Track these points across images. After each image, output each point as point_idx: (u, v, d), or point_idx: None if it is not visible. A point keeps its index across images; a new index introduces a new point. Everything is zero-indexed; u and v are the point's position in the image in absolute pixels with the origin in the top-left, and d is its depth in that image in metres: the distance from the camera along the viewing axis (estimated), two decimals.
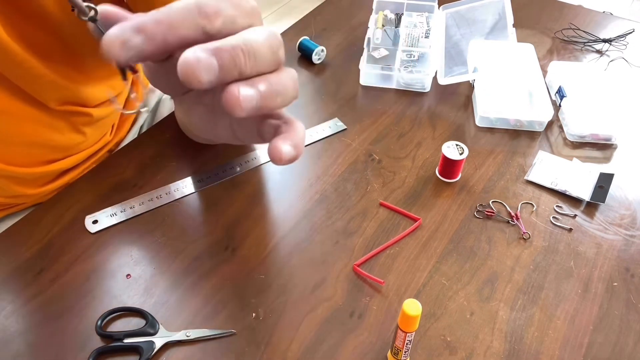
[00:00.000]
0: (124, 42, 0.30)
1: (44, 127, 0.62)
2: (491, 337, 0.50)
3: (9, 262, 0.55)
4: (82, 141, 0.68)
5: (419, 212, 0.61)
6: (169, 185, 0.63)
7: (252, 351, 0.49)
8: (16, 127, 0.59)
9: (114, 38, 0.30)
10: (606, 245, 0.59)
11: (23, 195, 0.66)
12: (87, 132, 0.67)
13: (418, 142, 0.70)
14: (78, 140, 0.67)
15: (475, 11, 0.84)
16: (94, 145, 0.72)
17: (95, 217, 0.59)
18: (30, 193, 0.66)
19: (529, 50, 0.81)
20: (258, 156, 0.67)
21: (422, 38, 0.84)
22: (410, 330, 0.44)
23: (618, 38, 0.91)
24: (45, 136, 0.62)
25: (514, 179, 0.66)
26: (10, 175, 0.63)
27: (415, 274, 0.55)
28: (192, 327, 0.50)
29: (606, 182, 0.64)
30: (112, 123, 0.76)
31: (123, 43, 0.30)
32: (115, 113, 0.74)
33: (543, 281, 0.55)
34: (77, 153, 0.69)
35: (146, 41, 0.30)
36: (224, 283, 0.54)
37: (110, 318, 0.51)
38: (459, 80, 0.78)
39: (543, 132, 0.73)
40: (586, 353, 0.50)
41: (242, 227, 0.59)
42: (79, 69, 0.61)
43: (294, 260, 0.56)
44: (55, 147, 0.65)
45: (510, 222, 0.61)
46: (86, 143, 0.69)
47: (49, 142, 0.63)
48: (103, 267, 0.55)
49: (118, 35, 0.30)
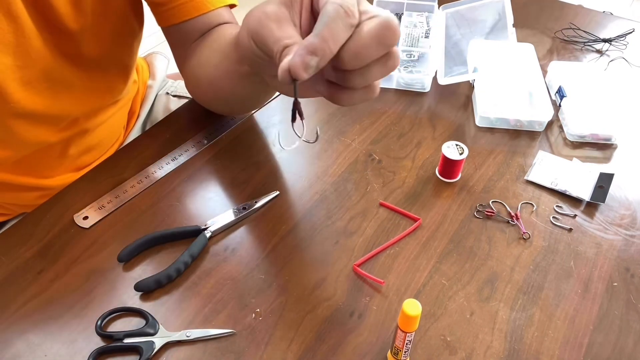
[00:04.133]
0: (306, 66, 0.36)
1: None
2: (491, 337, 0.50)
3: (9, 262, 0.55)
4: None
5: (419, 212, 0.61)
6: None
7: (252, 351, 0.49)
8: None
9: (298, 64, 0.36)
10: (606, 245, 0.59)
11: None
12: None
13: (418, 142, 0.70)
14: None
15: (475, 11, 0.84)
16: (112, 147, 0.74)
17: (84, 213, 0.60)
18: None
19: (529, 50, 0.81)
20: None
21: (422, 38, 0.84)
22: (410, 330, 0.44)
23: (618, 38, 0.91)
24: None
25: (514, 179, 0.66)
26: (42, 187, 0.65)
27: (415, 274, 0.55)
28: (192, 327, 0.50)
29: (606, 182, 0.64)
30: (126, 118, 0.77)
31: (305, 67, 0.36)
32: (121, 112, 0.75)
33: (543, 281, 0.55)
34: (100, 156, 0.71)
35: (320, 60, 0.36)
36: (224, 283, 0.54)
37: (110, 318, 0.51)
38: (459, 80, 0.78)
39: (543, 132, 0.73)
40: (586, 353, 0.50)
41: (242, 227, 0.59)
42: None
43: (294, 260, 0.56)
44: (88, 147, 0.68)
45: (510, 222, 0.61)
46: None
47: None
48: (103, 267, 0.55)
49: (299, 62, 0.36)
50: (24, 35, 0.53)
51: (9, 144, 0.61)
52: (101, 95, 0.67)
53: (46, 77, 0.57)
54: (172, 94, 0.85)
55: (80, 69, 0.61)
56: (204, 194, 0.63)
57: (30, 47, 0.54)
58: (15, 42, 0.53)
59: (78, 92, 0.62)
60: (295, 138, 0.43)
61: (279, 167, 0.66)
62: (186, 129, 0.70)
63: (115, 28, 0.61)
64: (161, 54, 0.88)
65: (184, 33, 0.61)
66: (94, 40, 0.59)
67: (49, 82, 0.58)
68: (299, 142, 0.43)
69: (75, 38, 0.57)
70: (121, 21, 0.62)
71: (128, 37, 0.65)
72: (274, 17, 0.40)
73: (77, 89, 0.62)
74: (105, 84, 0.66)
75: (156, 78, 0.85)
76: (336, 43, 0.36)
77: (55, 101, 0.60)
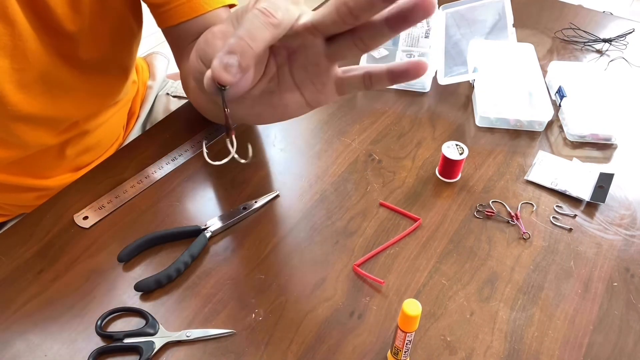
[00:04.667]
0: (225, 66, 0.34)
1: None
2: (491, 337, 0.50)
3: (9, 262, 0.55)
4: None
5: (419, 212, 0.61)
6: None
7: (252, 351, 0.49)
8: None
9: (217, 66, 0.34)
10: (606, 245, 0.59)
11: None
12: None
13: (418, 142, 0.70)
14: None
15: (475, 11, 0.84)
16: (111, 147, 0.74)
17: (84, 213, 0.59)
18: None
19: (529, 50, 0.81)
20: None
21: (422, 38, 0.84)
22: (410, 330, 0.44)
23: (618, 38, 0.91)
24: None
25: (514, 179, 0.66)
26: (41, 188, 0.65)
27: (415, 274, 0.55)
28: (192, 327, 0.50)
29: (606, 182, 0.64)
30: (125, 119, 0.77)
31: (225, 67, 0.34)
32: (121, 113, 0.75)
33: (543, 281, 0.55)
34: (100, 156, 0.71)
35: (241, 58, 0.34)
36: (224, 283, 0.54)
37: (110, 318, 0.51)
38: (459, 80, 0.78)
39: (543, 132, 0.73)
40: (586, 353, 0.50)
41: (242, 227, 0.59)
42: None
43: (294, 260, 0.56)
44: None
45: (510, 222, 0.61)
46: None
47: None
48: (103, 267, 0.55)
49: (217, 65, 0.34)
50: (20, 38, 0.53)
51: (8, 145, 0.61)
52: (100, 98, 0.67)
53: (44, 80, 0.57)
54: (172, 94, 0.86)
55: (79, 71, 0.60)
56: (204, 194, 0.63)
57: (27, 50, 0.54)
58: (12, 44, 0.53)
59: (76, 95, 0.62)
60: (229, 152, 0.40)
61: (278, 167, 0.66)
62: (186, 130, 0.70)
63: (114, 29, 0.61)
64: (161, 54, 0.88)
65: (182, 34, 0.61)
66: (92, 42, 0.59)
67: (47, 85, 0.58)
68: (228, 159, 0.39)
69: (73, 40, 0.57)
70: (119, 22, 0.62)
71: (127, 38, 0.65)
72: (219, 34, 0.40)
73: (75, 91, 0.62)
74: (104, 86, 0.66)
75: (156, 78, 0.85)
76: (255, 40, 0.34)
77: (53, 104, 0.60)
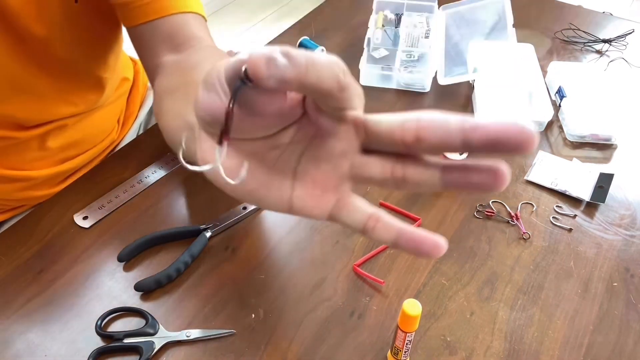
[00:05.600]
0: (270, 60, 0.27)
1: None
2: (491, 337, 0.50)
3: (9, 262, 0.55)
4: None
5: (419, 212, 0.61)
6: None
7: (252, 351, 0.49)
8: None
9: (260, 55, 0.27)
10: (606, 245, 0.59)
11: (31, 198, 0.66)
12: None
13: None
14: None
15: (475, 11, 0.84)
16: (102, 142, 0.73)
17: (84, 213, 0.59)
18: (39, 195, 0.66)
19: (529, 51, 0.81)
20: None
21: (422, 38, 0.84)
22: (410, 330, 0.44)
23: (618, 38, 0.91)
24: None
25: (514, 179, 0.66)
26: (24, 179, 0.64)
27: (415, 274, 0.55)
28: (192, 327, 0.50)
29: (606, 182, 0.64)
30: (117, 116, 0.76)
31: (269, 60, 0.27)
32: (107, 112, 0.74)
33: (543, 281, 0.55)
34: (88, 150, 0.70)
35: (290, 67, 0.27)
36: (224, 283, 0.54)
37: (110, 318, 0.51)
38: (459, 81, 0.78)
39: (543, 132, 0.73)
40: (586, 353, 0.50)
41: (242, 227, 0.59)
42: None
43: (294, 260, 0.56)
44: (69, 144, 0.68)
45: (510, 222, 0.61)
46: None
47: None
48: (103, 267, 0.55)
49: (265, 53, 0.27)
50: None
51: None
52: (72, 105, 0.65)
53: (11, 85, 0.57)
54: None
55: (51, 77, 0.59)
56: (204, 194, 0.63)
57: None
58: None
59: (48, 101, 0.61)
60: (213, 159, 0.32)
61: None
62: None
63: (84, 38, 0.60)
64: None
65: (148, 36, 0.58)
66: (62, 48, 0.58)
67: (15, 89, 0.57)
68: (209, 167, 0.31)
69: (43, 44, 0.56)
70: (89, 33, 0.60)
71: (100, 50, 0.64)
72: None
73: (46, 97, 0.61)
74: (76, 95, 0.65)
75: None
76: (315, 73, 0.28)
77: (22, 108, 0.59)
